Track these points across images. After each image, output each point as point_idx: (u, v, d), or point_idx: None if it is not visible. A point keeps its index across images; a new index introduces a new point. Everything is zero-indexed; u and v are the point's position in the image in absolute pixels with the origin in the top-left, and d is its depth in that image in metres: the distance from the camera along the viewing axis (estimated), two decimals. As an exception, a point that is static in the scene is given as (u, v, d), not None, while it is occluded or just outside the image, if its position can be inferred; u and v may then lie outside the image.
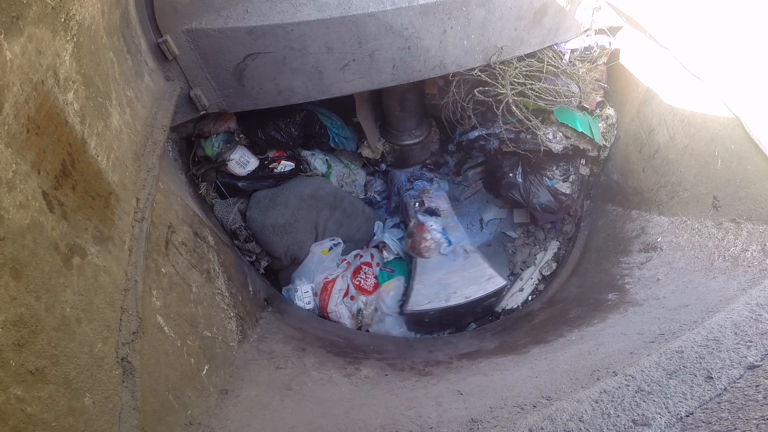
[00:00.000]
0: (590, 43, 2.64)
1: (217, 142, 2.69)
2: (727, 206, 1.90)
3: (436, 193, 3.40)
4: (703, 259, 1.87)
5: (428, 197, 3.33)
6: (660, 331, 1.52)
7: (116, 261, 1.33)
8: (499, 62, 2.44)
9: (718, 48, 2.02)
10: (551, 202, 3.02)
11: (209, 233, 2.15)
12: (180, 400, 1.45)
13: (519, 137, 2.86)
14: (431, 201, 3.29)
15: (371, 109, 3.29)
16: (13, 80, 1.01)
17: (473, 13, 2.18)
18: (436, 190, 3.44)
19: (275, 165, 2.86)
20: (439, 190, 3.46)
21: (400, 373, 2.01)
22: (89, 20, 1.40)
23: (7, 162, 0.97)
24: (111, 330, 1.24)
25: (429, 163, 3.79)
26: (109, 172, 1.40)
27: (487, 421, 1.34)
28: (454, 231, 3.09)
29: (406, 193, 3.44)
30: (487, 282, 2.80)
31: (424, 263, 2.95)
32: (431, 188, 3.45)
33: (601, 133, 2.80)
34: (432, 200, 3.31)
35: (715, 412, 1.10)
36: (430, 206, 3.24)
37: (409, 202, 3.33)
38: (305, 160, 3.09)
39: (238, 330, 2.02)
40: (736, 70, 1.91)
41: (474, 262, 2.90)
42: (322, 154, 3.21)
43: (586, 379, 1.39)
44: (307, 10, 1.98)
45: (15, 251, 0.95)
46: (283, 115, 2.78)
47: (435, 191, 3.42)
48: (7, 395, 0.89)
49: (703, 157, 2.06)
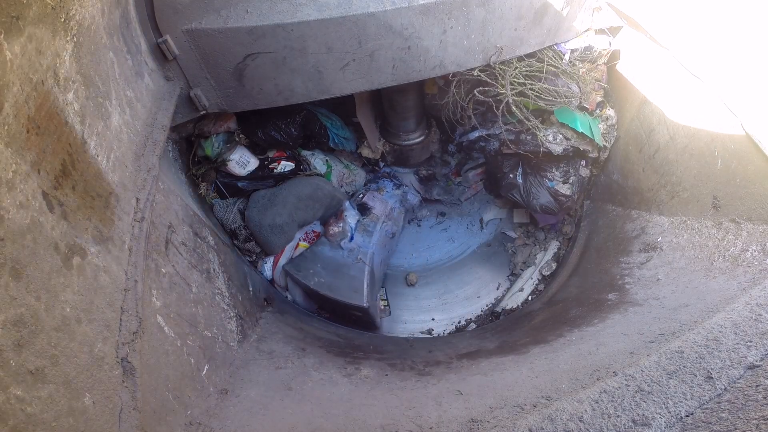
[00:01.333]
0: (590, 43, 2.65)
1: (217, 142, 2.69)
2: (727, 206, 1.90)
3: (384, 196, 3.38)
4: (703, 259, 1.87)
5: (373, 196, 3.31)
6: (660, 331, 1.52)
7: (116, 261, 1.33)
8: (499, 62, 2.44)
9: (719, 48, 2.02)
10: (551, 203, 3.02)
11: (209, 233, 2.15)
12: (180, 400, 1.45)
13: (519, 138, 2.86)
14: (373, 200, 3.29)
15: (371, 109, 3.29)
16: (13, 80, 1.01)
17: (473, 13, 2.18)
18: (388, 196, 3.42)
19: (275, 165, 2.86)
20: (392, 198, 3.42)
21: (400, 373, 2.01)
22: (89, 20, 1.40)
23: (7, 162, 0.97)
24: (111, 330, 1.24)
25: (423, 172, 3.77)
26: (109, 172, 1.40)
27: (487, 421, 1.34)
28: (367, 237, 3.09)
29: (367, 185, 3.45)
30: (351, 292, 2.83)
31: (322, 244, 3.00)
32: (387, 191, 3.43)
33: (601, 134, 2.80)
34: (374, 199, 3.30)
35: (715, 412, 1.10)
36: (365, 202, 3.24)
37: (358, 192, 3.35)
38: (305, 160, 3.09)
39: (238, 330, 2.02)
40: (737, 70, 1.91)
41: (356, 270, 2.92)
42: (322, 154, 3.21)
43: (586, 379, 1.39)
44: (307, 10, 1.98)
45: (15, 251, 0.95)
46: (283, 115, 2.78)
47: (386, 195, 3.40)
48: (7, 395, 0.89)
49: (703, 157, 2.06)
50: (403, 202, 3.48)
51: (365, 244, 3.03)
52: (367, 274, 2.90)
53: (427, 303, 3.60)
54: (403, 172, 3.74)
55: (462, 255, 3.74)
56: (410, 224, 3.96)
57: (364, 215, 3.18)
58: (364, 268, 2.92)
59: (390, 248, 3.37)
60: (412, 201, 3.63)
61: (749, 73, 1.84)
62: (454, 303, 3.55)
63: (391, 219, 3.29)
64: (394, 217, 3.33)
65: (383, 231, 3.17)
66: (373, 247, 3.04)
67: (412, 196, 3.64)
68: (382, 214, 3.23)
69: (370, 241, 3.05)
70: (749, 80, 1.83)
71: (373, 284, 2.97)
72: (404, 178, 3.71)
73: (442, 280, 3.67)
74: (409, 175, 3.74)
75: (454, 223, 3.88)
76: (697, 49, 2.13)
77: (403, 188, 3.57)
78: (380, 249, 3.14)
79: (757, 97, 1.78)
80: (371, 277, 2.94)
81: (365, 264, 2.94)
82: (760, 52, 1.82)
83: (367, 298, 2.82)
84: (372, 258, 3.00)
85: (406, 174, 3.74)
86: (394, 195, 3.44)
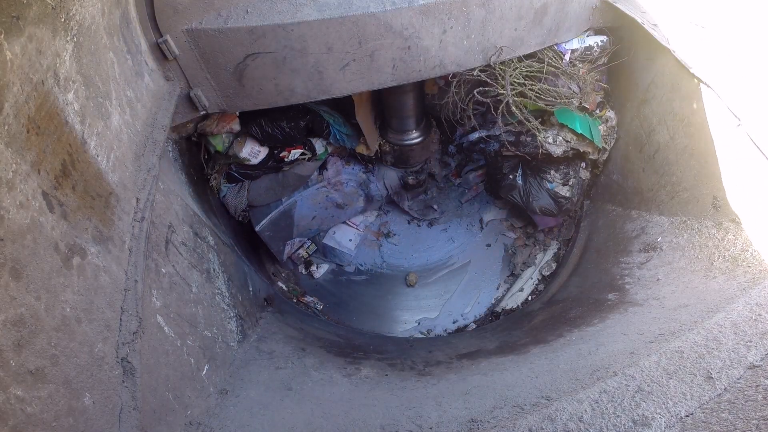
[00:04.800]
0: (590, 43, 2.64)
1: (228, 136, 2.75)
2: (727, 206, 1.90)
3: (343, 169, 3.55)
4: (703, 259, 1.87)
5: (334, 162, 3.48)
6: (660, 331, 1.52)
7: (116, 261, 1.33)
8: (499, 62, 2.44)
9: (719, 47, 2.02)
10: (551, 205, 3.02)
11: (209, 233, 2.15)
12: (180, 400, 1.45)
13: (519, 140, 2.86)
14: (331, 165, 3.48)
15: (371, 109, 3.29)
16: (13, 80, 1.01)
17: (473, 13, 2.18)
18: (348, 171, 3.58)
19: (285, 154, 2.98)
20: (351, 175, 3.58)
21: (400, 373, 2.01)
22: (89, 20, 1.40)
23: (7, 162, 0.97)
24: (111, 330, 1.24)
25: (410, 179, 3.76)
26: (109, 172, 1.40)
27: (487, 421, 1.34)
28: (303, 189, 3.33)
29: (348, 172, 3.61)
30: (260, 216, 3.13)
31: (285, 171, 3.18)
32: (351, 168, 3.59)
33: (601, 135, 2.80)
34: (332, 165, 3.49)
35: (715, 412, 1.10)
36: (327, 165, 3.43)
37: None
38: (309, 141, 3.18)
39: (238, 330, 2.02)
40: (737, 70, 1.91)
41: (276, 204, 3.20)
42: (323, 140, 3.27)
43: (586, 379, 1.39)
44: (307, 10, 1.98)
45: (15, 251, 0.95)
46: (285, 114, 2.79)
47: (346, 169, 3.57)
48: (7, 395, 0.89)
49: (703, 157, 2.06)
50: (362, 186, 3.61)
51: (298, 193, 3.29)
52: (277, 212, 3.21)
53: (427, 303, 3.60)
54: (392, 171, 3.72)
55: (462, 255, 3.74)
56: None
57: (319, 171, 3.40)
58: (279, 206, 3.22)
59: (332, 215, 3.58)
60: (374, 192, 3.69)
61: (750, 73, 1.84)
62: (453, 303, 3.55)
63: (338, 190, 3.48)
64: (344, 191, 3.52)
65: (321, 191, 3.41)
66: (301, 198, 3.31)
67: (376, 188, 3.69)
68: (329, 178, 3.44)
69: (302, 192, 3.32)
70: (750, 81, 1.83)
71: (279, 223, 3.26)
72: (386, 173, 3.71)
73: (442, 280, 3.68)
74: (389, 172, 3.72)
75: (454, 223, 3.88)
76: (698, 49, 2.13)
77: (370, 176, 3.65)
78: (310, 204, 3.39)
79: (758, 98, 1.78)
80: (283, 216, 3.25)
81: (281, 203, 3.24)
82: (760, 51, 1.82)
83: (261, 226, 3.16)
84: (293, 205, 3.28)
85: (388, 170, 3.72)
86: (354, 174, 3.58)
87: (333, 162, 3.47)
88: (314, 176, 3.35)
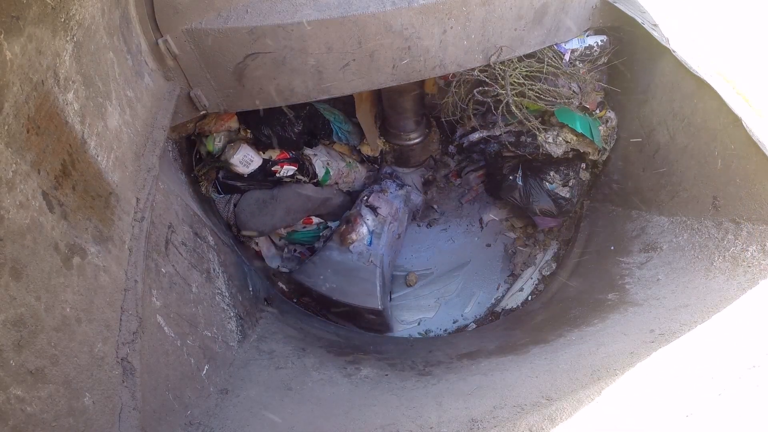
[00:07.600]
0: (590, 43, 2.64)
1: (219, 137, 2.70)
2: (727, 206, 1.90)
3: (388, 197, 3.35)
4: (703, 259, 1.87)
5: (378, 197, 3.29)
6: (660, 331, 1.53)
7: (116, 261, 1.33)
8: (499, 62, 2.44)
9: (719, 46, 2.02)
10: (551, 206, 3.02)
11: (209, 233, 2.15)
12: (180, 400, 1.45)
13: (519, 141, 2.85)
14: (378, 200, 3.27)
15: (371, 109, 3.29)
16: (13, 80, 1.01)
17: (473, 12, 2.18)
18: (393, 196, 3.40)
19: (278, 168, 2.84)
20: (396, 198, 3.40)
21: (400, 373, 2.01)
22: (89, 20, 1.40)
23: (7, 162, 0.97)
24: (111, 330, 1.24)
25: (429, 176, 3.76)
26: (109, 172, 1.40)
27: (487, 420, 1.34)
28: (376, 239, 3.05)
29: (369, 187, 3.45)
30: (365, 296, 2.79)
31: (330, 249, 2.96)
32: (391, 191, 3.42)
33: (601, 136, 2.80)
34: (379, 200, 3.28)
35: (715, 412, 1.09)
36: (371, 203, 3.21)
37: (363, 193, 3.34)
38: (308, 158, 3.07)
39: (238, 330, 2.02)
40: (737, 69, 1.91)
41: (367, 273, 2.87)
42: (323, 156, 3.20)
43: (586, 379, 1.39)
44: (307, 10, 1.98)
45: (15, 251, 0.95)
46: (285, 111, 2.78)
47: (391, 196, 3.39)
48: (7, 395, 0.89)
49: (703, 157, 2.06)
50: (407, 202, 3.46)
51: (375, 246, 2.99)
52: (379, 276, 2.86)
53: (426, 303, 3.60)
54: (405, 173, 3.73)
55: (462, 255, 3.74)
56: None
57: (375, 214, 3.18)
58: (376, 271, 2.86)
59: (396, 249, 3.37)
60: (416, 201, 3.62)
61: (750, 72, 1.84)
62: (453, 303, 3.55)
63: (397, 220, 3.26)
64: (399, 217, 3.30)
65: (390, 232, 3.15)
66: (383, 248, 3.01)
67: (416, 196, 3.63)
68: (388, 214, 3.19)
69: (379, 243, 3.01)
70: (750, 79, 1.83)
71: (384, 286, 2.94)
72: (406, 178, 3.70)
73: (442, 280, 3.67)
74: (411, 175, 3.73)
75: (453, 223, 3.88)
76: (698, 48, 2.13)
77: (406, 188, 3.56)
78: (388, 250, 3.12)
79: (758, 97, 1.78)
80: (383, 279, 2.91)
81: (376, 266, 2.89)
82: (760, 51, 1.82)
83: (381, 301, 2.79)
84: (382, 260, 2.96)
85: (407, 174, 3.73)
86: (398, 195, 3.43)
87: (377, 198, 3.28)
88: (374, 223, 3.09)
